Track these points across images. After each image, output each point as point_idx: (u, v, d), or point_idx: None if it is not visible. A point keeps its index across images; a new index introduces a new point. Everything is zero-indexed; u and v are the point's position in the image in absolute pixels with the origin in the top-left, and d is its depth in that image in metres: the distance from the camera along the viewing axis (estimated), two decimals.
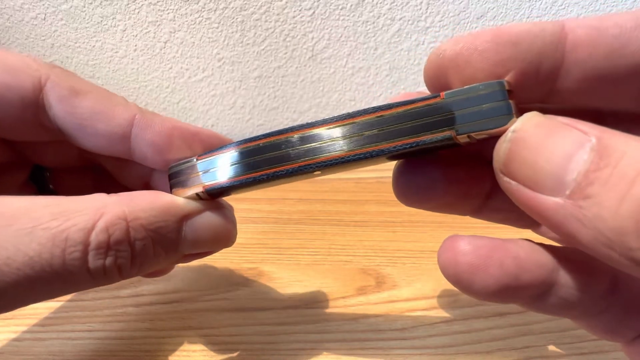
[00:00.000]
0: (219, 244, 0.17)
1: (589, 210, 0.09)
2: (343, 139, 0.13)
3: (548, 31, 0.11)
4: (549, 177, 0.10)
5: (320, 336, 0.23)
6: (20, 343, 0.22)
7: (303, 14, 0.36)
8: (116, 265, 0.14)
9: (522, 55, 0.11)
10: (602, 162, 0.09)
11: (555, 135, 0.10)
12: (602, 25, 0.11)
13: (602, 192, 0.09)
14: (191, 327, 0.23)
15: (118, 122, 0.17)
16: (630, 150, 0.09)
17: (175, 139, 0.17)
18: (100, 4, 0.35)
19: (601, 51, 0.11)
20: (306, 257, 0.28)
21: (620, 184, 0.09)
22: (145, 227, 0.14)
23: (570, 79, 0.12)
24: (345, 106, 0.41)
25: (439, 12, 0.36)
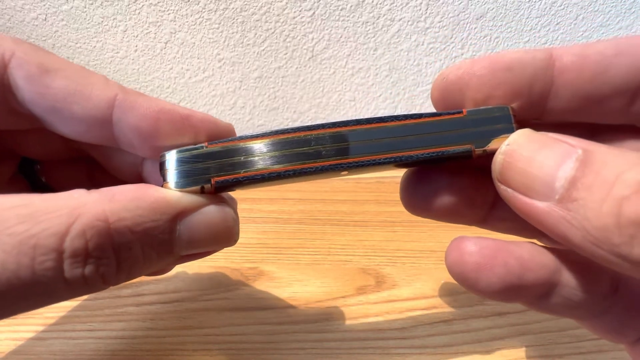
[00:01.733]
0: (220, 243, 0.15)
1: (577, 212, 0.10)
2: (373, 142, 0.13)
3: (538, 58, 0.13)
4: (540, 184, 0.11)
5: (320, 336, 0.23)
6: (20, 343, 0.22)
7: (303, 14, 0.36)
8: (98, 274, 0.12)
9: (515, 80, 0.13)
10: (587, 169, 0.10)
11: (546, 147, 0.11)
12: (585, 52, 0.13)
13: (587, 196, 0.10)
14: (192, 327, 0.23)
15: (96, 103, 0.14)
16: (610, 159, 0.10)
17: (163, 124, 0.15)
18: (101, 5, 0.36)
19: (586, 75, 0.12)
20: (306, 257, 0.28)
21: (602, 187, 0.10)
22: (131, 229, 0.12)
23: (560, 99, 0.13)
24: (345, 106, 0.42)
25: (438, 13, 0.37)
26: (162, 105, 0.15)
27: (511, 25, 0.38)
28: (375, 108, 0.42)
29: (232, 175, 0.13)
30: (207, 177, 0.14)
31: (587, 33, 0.38)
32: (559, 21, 0.38)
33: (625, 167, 0.10)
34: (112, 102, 0.14)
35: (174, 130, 0.15)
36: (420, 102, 0.42)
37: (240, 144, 0.13)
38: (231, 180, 0.14)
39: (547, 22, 0.38)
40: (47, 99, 0.14)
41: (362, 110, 0.42)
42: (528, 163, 0.11)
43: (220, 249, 0.16)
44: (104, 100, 0.14)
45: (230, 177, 0.13)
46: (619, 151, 0.10)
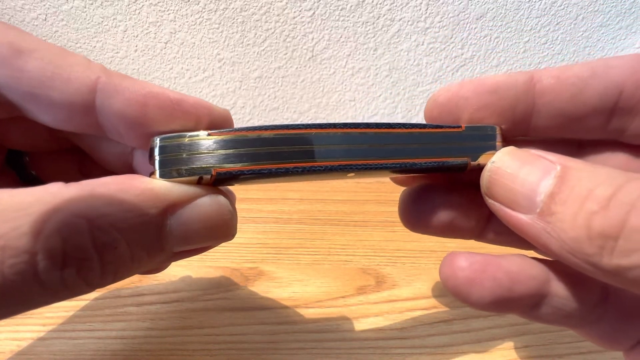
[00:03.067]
0: (217, 238, 0.14)
1: (555, 225, 0.11)
2: (381, 146, 0.13)
3: (519, 81, 0.14)
4: (523, 198, 0.12)
5: (320, 336, 0.23)
6: (21, 343, 0.22)
7: (303, 14, 0.36)
8: (80, 277, 0.11)
9: (498, 102, 0.14)
10: (563, 185, 0.11)
11: (528, 164, 0.12)
12: (563, 75, 0.13)
13: (563, 210, 0.11)
14: (192, 327, 0.23)
15: (76, 87, 0.13)
16: (584, 175, 0.11)
17: (151, 109, 0.13)
18: (101, 5, 0.36)
19: (564, 96, 0.13)
20: (306, 256, 0.28)
21: (575, 202, 0.11)
22: (115, 226, 0.11)
23: (542, 118, 0.14)
24: (345, 106, 0.42)
25: (438, 13, 0.37)
26: (149, 88, 0.13)
27: (511, 25, 0.38)
28: (375, 108, 0.42)
29: (236, 167, 0.13)
30: (207, 167, 0.13)
31: (587, 33, 0.38)
32: (559, 21, 0.38)
33: (596, 183, 0.11)
34: (94, 86, 0.13)
35: (163, 116, 0.13)
36: (420, 102, 0.42)
37: (248, 135, 0.13)
38: (235, 172, 0.13)
39: (547, 22, 0.38)
40: (22, 84, 0.13)
41: (362, 110, 0.42)
42: (512, 179, 0.12)
43: (217, 244, 0.15)
44: (85, 84, 0.13)
45: (234, 169, 0.13)
46: (593, 168, 0.11)
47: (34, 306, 0.11)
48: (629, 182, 0.10)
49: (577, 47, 0.39)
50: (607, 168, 0.11)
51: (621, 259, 0.10)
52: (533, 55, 0.39)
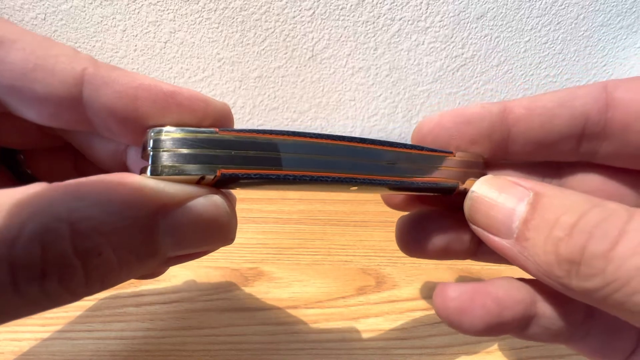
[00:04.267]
0: (214, 242, 0.13)
1: (529, 250, 0.12)
2: (381, 162, 0.14)
3: (494, 112, 0.15)
4: (501, 225, 0.13)
5: (320, 336, 0.23)
6: (20, 343, 0.22)
7: (303, 14, 0.36)
8: (62, 287, 0.10)
9: (474, 131, 0.15)
10: (535, 213, 0.12)
11: (504, 192, 0.13)
12: (533, 105, 0.14)
13: (535, 236, 0.12)
14: (191, 327, 0.23)
15: (61, 79, 0.12)
16: (554, 202, 0.12)
17: (143, 103, 0.12)
18: (100, 4, 0.35)
19: (534, 125, 0.14)
20: (306, 257, 0.28)
21: (545, 229, 0.12)
22: (99, 230, 0.10)
23: (518, 144, 0.15)
24: (345, 106, 0.41)
25: (438, 12, 0.36)
26: (140, 80, 0.12)
27: (512, 25, 0.37)
28: (375, 108, 0.42)
29: (242, 170, 0.12)
30: (212, 166, 0.12)
31: (587, 32, 0.38)
32: (560, 20, 0.37)
33: (563, 210, 0.12)
34: (80, 78, 0.12)
35: (156, 110, 0.12)
36: (421, 101, 0.41)
37: (258, 138, 0.12)
38: (240, 175, 0.12)
39: (547, 22, 0.37)
40: (2, 77, 0.12)
41: (362, 110, 0.42)
42: (490, 207, 0.13)
43: (215, 249, 0.14)
44: (71, 76, 0.12)
45: (240, 171, 0.12)
46: (562, 194, 0.12)
47: (15, 317, 0.10)
48: (591, 210, 0.11)
49: (578, 46, 0.39)
50: (576, 194, 0.12)
51: (585, 282, 0.11)
52: (534, 54, 0.39)
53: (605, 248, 0.10)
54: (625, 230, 0.10)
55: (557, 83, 0.41)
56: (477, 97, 0.42)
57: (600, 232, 0.10)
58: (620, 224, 0.10)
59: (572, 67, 0.40)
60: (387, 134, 0.44)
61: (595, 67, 0.40)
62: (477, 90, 0.41)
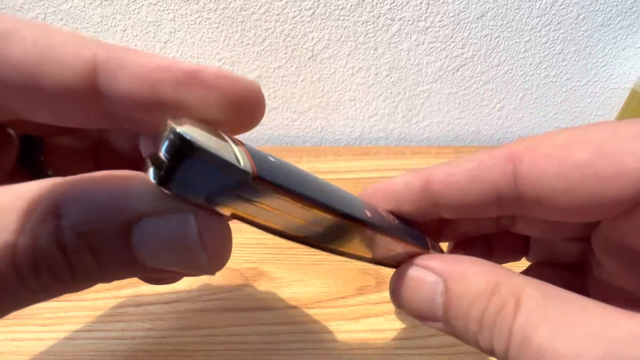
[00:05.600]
0: (181, 264, 0.11)
1: (457, 330, 0.13)
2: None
3: (416, 188, 0.15)
4: (427, 315, 0.14)
5: (321, 336, 0.23)
6: (20, 343, 0.22)
7: (303, 14, 0.36)
8: (54, 277, 0.10)
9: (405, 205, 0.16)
10: (449, 303, 0.13)
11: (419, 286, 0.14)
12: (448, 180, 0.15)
13: (457, 322, 0.13)
14: (191, 327, 0.23)
15: (72, 69, 0.11)
16: (462, 291, 0.13)
17: (165, 85, 0.11)
18: (100, 4, 0.35)
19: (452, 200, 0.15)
20: (306, 257, 0.28)
21: (462, 320, 0.13)
22: (75, 230, 0.10)
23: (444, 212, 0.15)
24: (345, 106, 0.41)
25: (438, 12, 0.36)
26: (159, 61, 0.11)
27: (512, 25, 0.37)
28: (375, 108, 0.42)
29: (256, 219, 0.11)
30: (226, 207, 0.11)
31: (588, 32, 0.38)
32: (560, 20, 0.37)
33: (470, 301, 0.13)
34: (92, 66, 0.11)
35: (179, 92, 0.11)
36: (421, 101, 0.41)
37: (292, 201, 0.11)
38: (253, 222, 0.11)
39: (548, 22, 0.37)
40: (4, 76, 0.11)
41: (362, 110, 0.42)
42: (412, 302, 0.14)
43: (188, 273, 0.12)
44: (81, 65, 0.11)
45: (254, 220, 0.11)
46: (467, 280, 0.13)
47: (21, 304, 0.11)
48: (491, 301, 0.12)
49: (578, 46, 0.39)
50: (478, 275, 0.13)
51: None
52: (534, 54, 0.39)
53: (503, 349, 0.12)
54: (512, 332, 0.11)
55: (557, 83, 0.41)
56: (477, 97, 0.42)
57: (498, 332, 0.12)
58: (507, 325, 0.12)
59: (572, 67, 0.40)
60: (387, 134, 0.44)
61: (595, 67, 0.40)
62: (477, 90, 0.41)
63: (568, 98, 0.42)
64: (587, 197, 0.12)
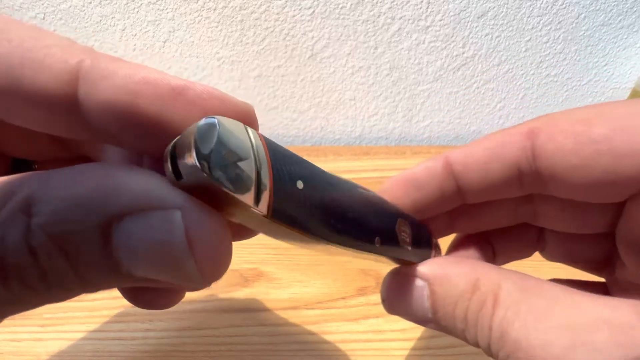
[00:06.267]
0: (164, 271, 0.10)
1: (448, 329, 0.14)
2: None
3: (438, 172, 0.15)
4: (418, 318, 0.14)
5: (321, 337, 0.23)
6: (19, 343, 0.22)
7: (303, 13, 0.36)
8: (23, 284, 0.09)
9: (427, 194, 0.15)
10: (435, 305, 0.14)
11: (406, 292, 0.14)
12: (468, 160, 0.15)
13: (446, 322, 0.14)
14: (191, 328, 0.23)
15: (54, 74, 0.10)
16: (445, 292, 0.13)
17: (145, 99, 0.10)
18: (100, 4, 0.35)
19: (474, 180, 0.15)
20: (306, 257, 0.28)
21: (450, 320, 0.13)
22: (45, 230, 0.09)
23: (468, 194, 0.15)
24: (345, 106, 0.41)
25: (439, 11, 0.36)
26: (145, 73, 0.10)
27: (512, 24, 0.37)
28: (375, 107, 0.42)
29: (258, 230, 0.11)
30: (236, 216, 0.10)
31: (588, 32, 0.38)
32: (561, 20, 0.37)
33: (453, 302, 0.13)
34: (75, 73, 0.10)
35: (160, 108, 0.10)
36: (421, 101, 0.41)
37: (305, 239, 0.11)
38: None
39: (548, 21, 0.37)
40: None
41: (363, 110, 0.42)
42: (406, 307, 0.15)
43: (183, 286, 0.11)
44: (65, 70, 0.10)
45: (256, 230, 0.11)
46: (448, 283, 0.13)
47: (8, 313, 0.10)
48: (471, 300, 0.13)
49: (579, 46, 0.39)
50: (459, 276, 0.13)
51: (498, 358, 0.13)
52: (535, 54, 0.39)
53: (486, 343, 0.12)
54: (491, 327, 0.12)
55: (558, 82, 0.41)
56: (478, 97, 0.42)
57: (480, 328, 0.12)
58: (487, 321, 0.12)
59: (572, 66, 0.40)
60: (387, 134, 0.44)
61: (596, 67, 0.40)
62: (478, 90, 0.41)
63: (569, 97, 0.42)
64: (601, 174, 0.12)
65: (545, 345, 0.11)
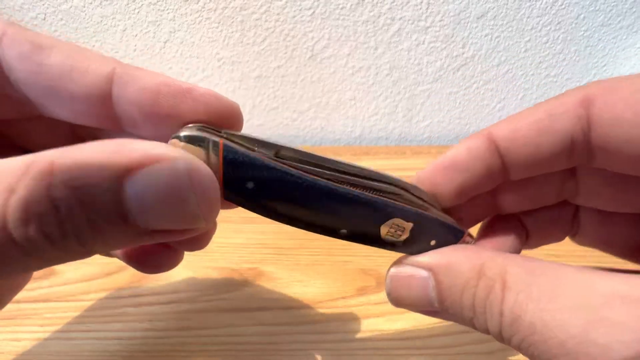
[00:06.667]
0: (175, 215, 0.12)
1: (455, 317, 0.14)
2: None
3: (483, 151, 0.15)
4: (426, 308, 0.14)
5: (320, 336, 0.23)
6: (19, 343, 0.22)
7: (303, 13, 0.36)
8: (43, 235, 0.10)
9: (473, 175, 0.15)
10: (441, 295, 0.14)
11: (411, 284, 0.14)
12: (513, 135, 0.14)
13: (454, 311, 0.13)
14: (191, 328, 0.23)
15: (94, 79, 0.14)
16: (450, 281, 0.13)
17: (164, 97, 0.14)
18: (100, 4, 0.35)
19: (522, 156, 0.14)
20: (306, 257, 0.28)
21: (457, 309, 0.13)
22: (67, 184, 0.10)
23: (514, 171, 0.15)
24: (345, 106, 0.41)
25: (439, 12, 0.36)
26: (162, 78, 0.14)
27: (512, 25, 0.37)
28: (375, 107, 0.42)
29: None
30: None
31: (588, 32, 0.38)
32: (560, 20, 0.37)
33: (460, 288, 0.13)
34: (110, 77, 0.14)
35: (174, 104, 0.14)
36: (421, 101, 0.41)
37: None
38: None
39: (548, 22, 0.37)
40: (42, 78, 0.14)
41: (363, 110, 0.42)
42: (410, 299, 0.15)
43: (187, 228, 0.12)
44: (102, 75, 0.14)
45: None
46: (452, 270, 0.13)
47: (16, 266, 0.11)
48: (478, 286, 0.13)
49: (579, 46, 0.39)
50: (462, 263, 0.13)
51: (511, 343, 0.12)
52: (534, 54, 0.39)
53: (497, 329, 0.12)
54: (502, 313, 0.12)
55: (558, 83, 0.41)
56: (478, 97, 0.42)
57: (490, 315, 0.12)
58: (497, 307, 0.12)
59: (572, 67, 0.40)
60: (387, 134, 0.44)
61: (595, 67, 0.40)
62: (478, 90, 0.41)
63: None
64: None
65: (563, 326, 0.11)
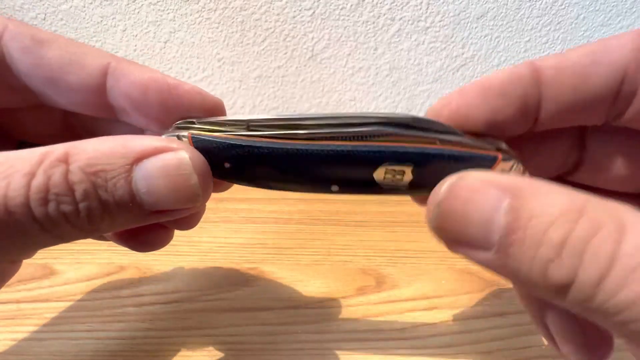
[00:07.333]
0: (178, 199, 0.14)
1: (512, 265, 0.11)
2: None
3: (525, 77, 0.13)
4: (477, 239, 0.11)
5: (320, 336, 0.23)
6: (20, 343, 0.22)
7: (303, 14, 0.36)
8: (60, 213, 0.12)
9: (508, 103, 0.14)
10: (516, 224, 0.10)
11: (475, 200, 0.11)
12: (562, 65, 0.13)
13: (519, 252, 0.10)
14: (191, 327, 0.23)
15: (90, 71, 0.15)
16: (537, 209, 0.10)
17: (151, 92, 0.15)
18: (100, 4, 0.35)
19: (566, 88, 0.13)
20: (306, 257, 0.28)
21: (531, 246, 0.10)
22: (83, 170, 0.12)
23: (548, 111, 0.14)
24: (346, 106, 0.41)
25: (439, 12, 0.36)
26: (152, 74, 0.15)
27: (512, 25, 0.37)
28: (375, 108, 0.42)
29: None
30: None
31: (588, 32, 0.38)
32: (560, 20, 0.37)
33: (549, 221, 0.10)
34: (105, 70, 0.15)
35: (161, 98, 0.15)
36: (421, 101, 0.41)
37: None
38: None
39: (548, 22, 0.37)
40: (42, 70, 0.15)
41: (363, 110, 0.42)
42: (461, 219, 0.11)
43: (184, 208, 0.14)
44: (98, 69, 0.15)
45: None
46: (543, 197, 0.11)
47: (35, 243, 0.13)
48: (579, 223, 0.10)
49: None
50: (559, 194, 0.11)
51: (573, 304, 0.10)
52: (534, 54, 0.39)
53: (595, 278, 0.10)
54: (616, 256, 0.09)
55: None
56: None
57: (590, 258, 0.10)
58: (610, 248, 0.09)
59: None
60: None
61: None
62: None
63: None
64: None
65: None
